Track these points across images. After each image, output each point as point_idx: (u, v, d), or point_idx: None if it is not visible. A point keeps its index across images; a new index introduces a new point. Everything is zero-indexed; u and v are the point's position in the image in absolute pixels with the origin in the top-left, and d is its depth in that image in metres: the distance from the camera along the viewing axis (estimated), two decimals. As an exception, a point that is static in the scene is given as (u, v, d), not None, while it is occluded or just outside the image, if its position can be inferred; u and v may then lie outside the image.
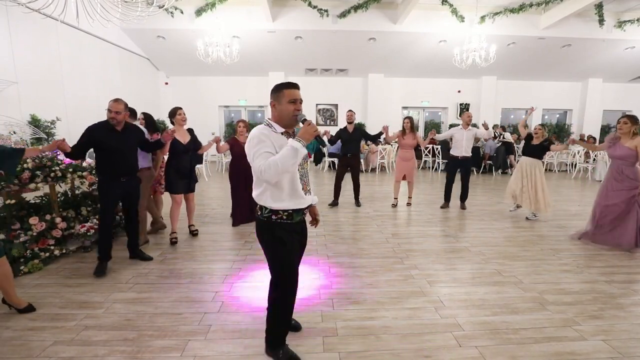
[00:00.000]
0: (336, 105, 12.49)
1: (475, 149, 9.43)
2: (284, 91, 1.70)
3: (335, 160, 9.61)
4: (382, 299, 2.59)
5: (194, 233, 4.06)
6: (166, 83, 11.62)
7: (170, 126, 4.04)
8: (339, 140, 5.48)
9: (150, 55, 10.43)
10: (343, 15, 8.66)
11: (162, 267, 3.16)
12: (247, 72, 11.31)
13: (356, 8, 8.44)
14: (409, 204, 5.73)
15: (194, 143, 3.86)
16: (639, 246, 3.72)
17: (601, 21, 8.92)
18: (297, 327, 2.17)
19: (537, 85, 12.72)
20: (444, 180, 5.77)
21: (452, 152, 5.48)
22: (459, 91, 12.53)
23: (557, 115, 13.72)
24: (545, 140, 4.78)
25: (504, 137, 10.04)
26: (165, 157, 3.90)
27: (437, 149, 10.52)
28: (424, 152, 10.66)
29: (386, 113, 11.97)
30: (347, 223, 4.72)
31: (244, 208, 4.46)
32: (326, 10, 8.50)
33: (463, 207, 5.57)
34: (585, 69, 11.59)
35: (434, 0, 8.31)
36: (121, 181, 3.01)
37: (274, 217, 1.72)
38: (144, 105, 8.69)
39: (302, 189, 1.76)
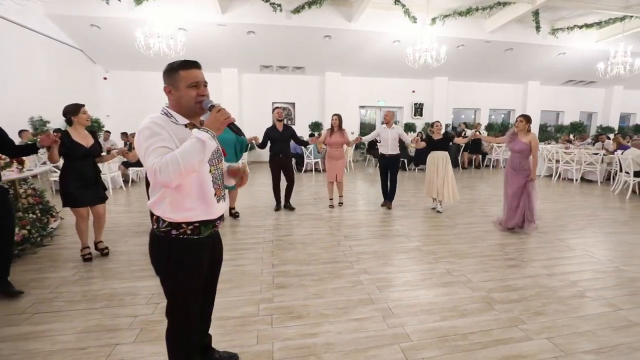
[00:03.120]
0: (293, 104, 12.22)
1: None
2: (179, 73, 1.34)
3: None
4: (327, 311, 2.37)
5: (103, 252, 3.38)
6: (105, 78, 10.58)
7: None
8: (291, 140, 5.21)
9: (83, 47, 9.39)
10: (297, 10, 8.42)
11: (73, 290, 2.68)
12: (197, 67, 10.60)
13: (310, 4, 8.23)
14: (340, 204, 5.56)
15: (99, 146, 3.27)
16: (531, 224, 4.27)
17: (538, 28, 9.56)
18: None
19: (484, 86, 13.43)
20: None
21: (380, 150, 5.55)
22: (413, 91, 12.85)
23: (502, 115, 14.63)
24: (445, 133, 5.25)
25: (465, 135, 10.46)
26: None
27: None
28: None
29: (344, 112, 11.87)
30: (300, 226, 4.48)
31: None
32: (279, 5, 8.19)
33: (389, 206, 5.46)
34: (526, 72, 12.43)
35: (387, 0, 8.35)
36: None
37: (174, 232, 1.36)
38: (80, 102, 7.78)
39: (215, 194, 1.43)
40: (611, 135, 11.61)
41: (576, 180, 8.17)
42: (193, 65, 1.37)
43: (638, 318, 2.35)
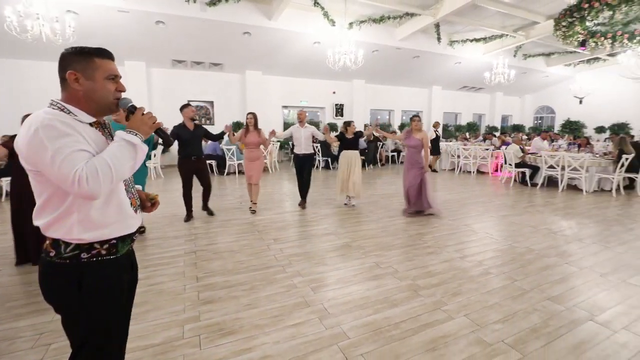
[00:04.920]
0: (212, 103, 11.51)
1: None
2: (94, 60, 1.12)
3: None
4: (262, 321, 2.23)
5: None
6: (-37, 66, 8.40)
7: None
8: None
9: None
10: (213, 3, 7.90)
11: None
12: (94, 58, 9.16)
13: (227, -3, 7.81)
14: (253, 211, 5.10)
15: None
16: (432, 207, 4.94)
17: (439, 39, 10.78)
18: None
19: (397, 89, 14.66)
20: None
21: (294, 150, 5.55)
22: (333, 92, 13.30)
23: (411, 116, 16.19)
24: (357, 132, 5.51)
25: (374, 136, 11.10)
26: None
27: (316, 147, 10.83)
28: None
29: (266, 112, 11.68)
30: (224, 233, 4.19)
31: (32, 242, 3.02)
32: (192, -5, 7.58)
33: (303, 206, 5.44)
34: (430, 78, 13.95)
35: (307, 1, 8.42)
36: None
37: (84, 255, 1.10)
38: None
39: (131, 204, 1.23)
40: (496, 134, 13.81)
41: (473, 172, 9.47)
42: (109, 55, 1.18)
43: (528, 286, 2.77)
